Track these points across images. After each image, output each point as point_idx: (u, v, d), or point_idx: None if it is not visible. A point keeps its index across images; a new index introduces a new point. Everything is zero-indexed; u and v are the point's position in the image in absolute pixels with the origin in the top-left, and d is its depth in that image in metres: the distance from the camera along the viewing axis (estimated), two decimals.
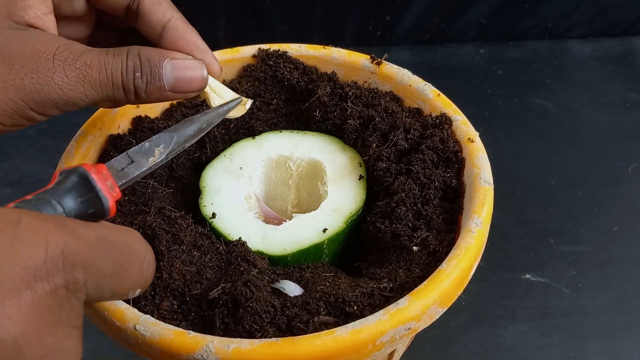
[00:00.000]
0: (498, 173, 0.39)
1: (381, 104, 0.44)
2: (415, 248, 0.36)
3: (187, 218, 0.38)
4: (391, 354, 0.40)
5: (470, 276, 0.35)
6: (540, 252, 0.58)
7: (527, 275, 0.56)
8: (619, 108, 0.74)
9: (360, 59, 0.47)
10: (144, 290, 0.27)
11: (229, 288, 0.33)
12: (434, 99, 0.44)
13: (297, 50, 0.48)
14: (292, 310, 0.32)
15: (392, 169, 0.41)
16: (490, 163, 0.39)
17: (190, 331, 0.31)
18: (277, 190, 0.45)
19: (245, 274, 0.34)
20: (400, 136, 0.41)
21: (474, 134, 0.41)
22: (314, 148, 0.44)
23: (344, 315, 0.33)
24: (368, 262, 0.39)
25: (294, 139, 0.45)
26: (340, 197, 0.41)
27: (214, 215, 0.40)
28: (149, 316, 0.32)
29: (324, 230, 0.39)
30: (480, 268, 0.36)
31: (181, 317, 0.34)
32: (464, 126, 0.41)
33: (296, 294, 0.35)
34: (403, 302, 0.31)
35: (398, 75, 0.46)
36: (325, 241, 0.39)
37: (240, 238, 0.37)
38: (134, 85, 0.33)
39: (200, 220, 0.40)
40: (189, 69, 0.35)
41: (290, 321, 0.32)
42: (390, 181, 0.40)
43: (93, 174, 0.28)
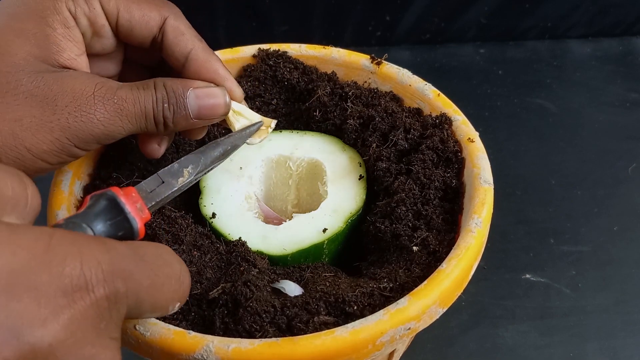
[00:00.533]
0: (498, 173, 0.39)
1: (381, 104, 0.44)
2: (415, 248, 0.36)
3: (187, 218, 0.38)
4: (391, 354, 0.40)
5: (470, 276, 0.35)
6: (540, 252, 0.58)
7: (527, 275, 0.56)
8: (619, 108, 0.74)
9: (360, 59, 0.47)
10: (182, 304, 0.27)
11: (229, 288, 0.33)
12: (434, 99, 0.44)
13: (297, 50, 0.48)
14: (292, 310, 0.32)
15: (392, 169, 0.41)
16: (490, 163, 0.39)
17: (190, 331, 0.31)
18: (277, 190, 0.45)
19: (245, 273, 0.34)
20: (400, 136, 0.41)
21: (474, 134, 0.41)
22: (314, 148, 0.44)
23: (344, 315, 0.33)
24: (368, 262, 0.39)
25: (294, 139, 0.45)
26: (340, 197, 0.41)
27: (214, 215, 0.40)
28: None
29: (324, 230, 0.39)
30: (480, 268, 0.36)
31: (181, 317, 0.34)
32: (464, 126, 0.41)
33: (296, 294, 0.35)
34: (403, 302, 0.31)
35: (398, 75, 0.46)
36: (325, 241, 0.39)
37: (240, 238, 0.37)
38: (163, 116, 0.34)
39: (200, 220, 0.40)
40: (211, 96, 0.36)
41: (290, 321, 0.32)
42: (390, 181, 0.40)
43: (122, 196, 0.29)
